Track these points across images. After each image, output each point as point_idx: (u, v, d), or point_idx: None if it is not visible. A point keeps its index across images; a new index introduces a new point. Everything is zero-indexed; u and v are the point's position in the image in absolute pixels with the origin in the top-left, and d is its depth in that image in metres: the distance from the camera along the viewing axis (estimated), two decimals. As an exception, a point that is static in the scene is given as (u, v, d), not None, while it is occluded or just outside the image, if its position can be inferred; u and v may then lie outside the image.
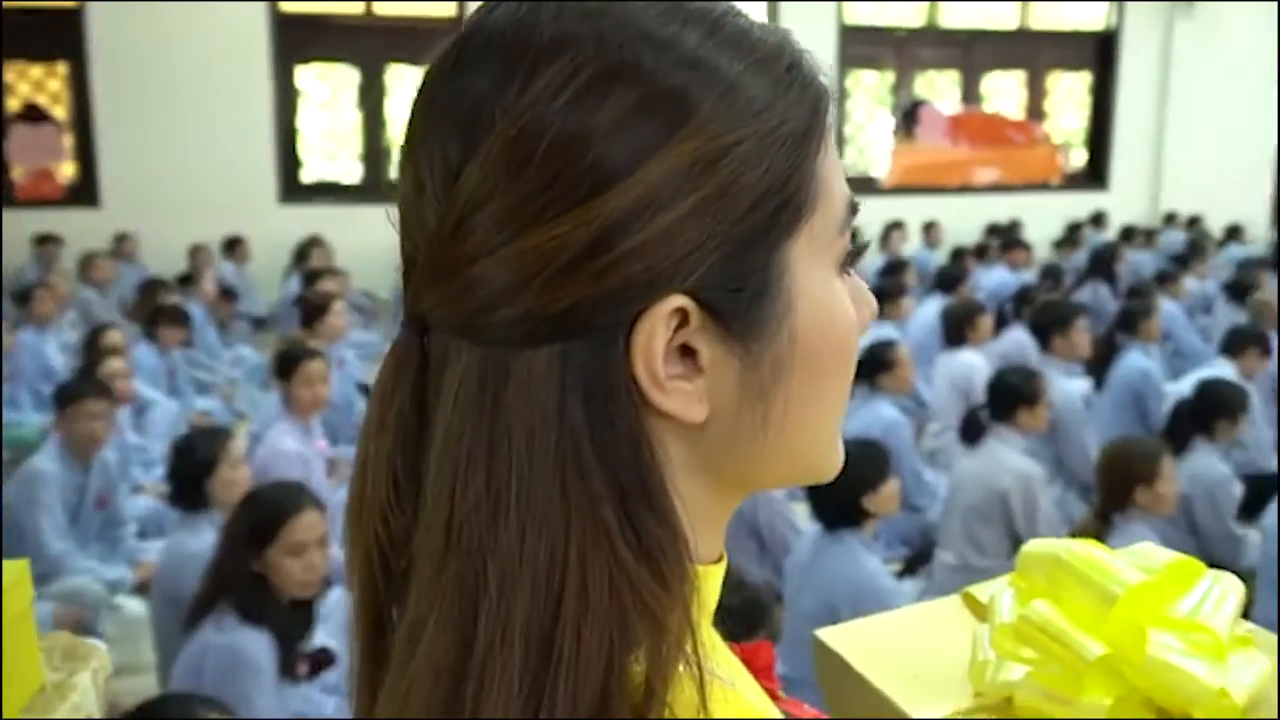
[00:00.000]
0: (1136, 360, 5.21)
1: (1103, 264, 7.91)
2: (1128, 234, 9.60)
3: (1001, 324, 5.88)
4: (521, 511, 0.45)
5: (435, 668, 0.45)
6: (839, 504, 2.97)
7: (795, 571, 3.12)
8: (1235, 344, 5.00)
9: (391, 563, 0.50)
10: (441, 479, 0.47)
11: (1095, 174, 11.36)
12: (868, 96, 11.01)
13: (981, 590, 0.89)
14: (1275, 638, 0.80)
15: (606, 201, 0.44)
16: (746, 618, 2.18)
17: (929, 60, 11.10)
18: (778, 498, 3.65)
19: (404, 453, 0.50)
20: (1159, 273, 7.62)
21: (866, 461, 2.98)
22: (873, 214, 9.07)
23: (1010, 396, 3.77)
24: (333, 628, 2.94)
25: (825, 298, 0.51)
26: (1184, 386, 4.48)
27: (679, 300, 0.46)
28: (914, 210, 9.67)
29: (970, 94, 11.37)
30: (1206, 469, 3.85)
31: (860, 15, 10.53)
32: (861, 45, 10.40)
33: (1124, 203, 10.85)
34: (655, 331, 0.46)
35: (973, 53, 11.22)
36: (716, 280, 0.47)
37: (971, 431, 3.79)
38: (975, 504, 3.62)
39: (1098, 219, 10.33)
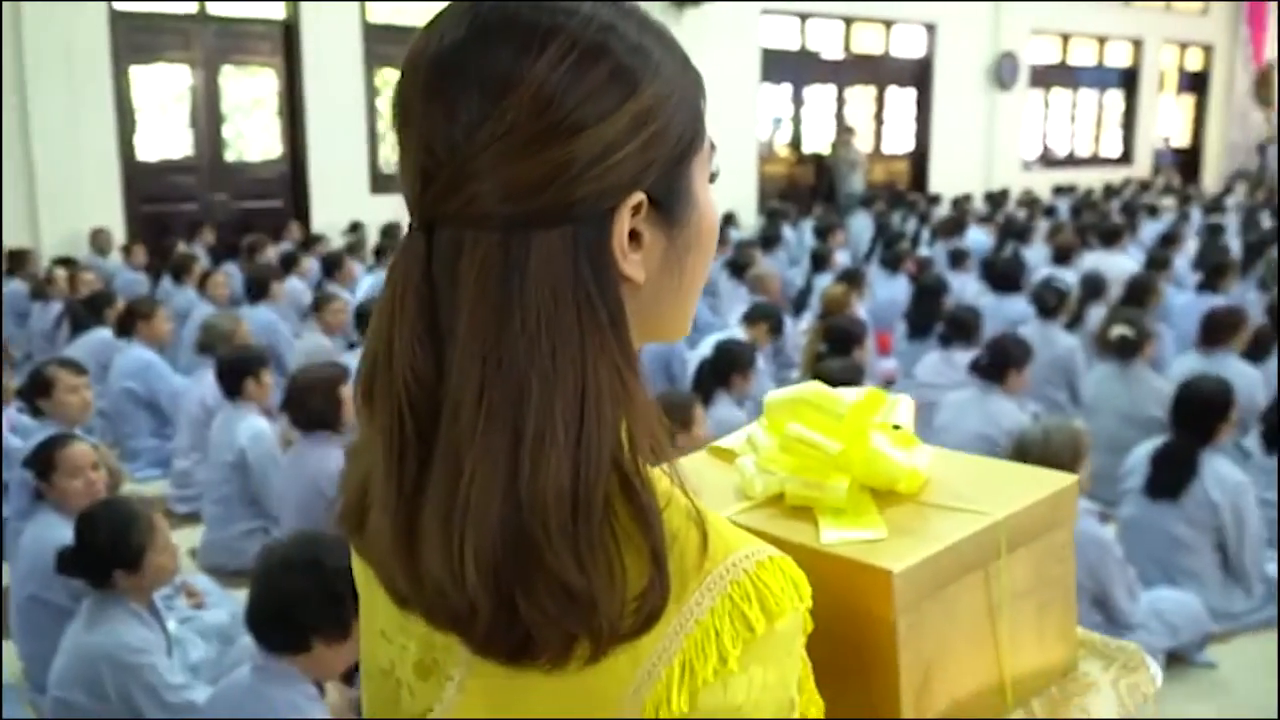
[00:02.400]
0: (662, 331, 5.81)
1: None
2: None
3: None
4: (552, 339, 0.65)
5: (492, 460, 0.64)
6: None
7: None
8: (754, 318, 5.86)
9: (416, 399, 0.68)
10: (474, 331, 0.66)
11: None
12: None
13: (729, 440, 1.16)
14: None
15: (597, 132, 0.66)
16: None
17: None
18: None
19: (423, 318, 0.68)
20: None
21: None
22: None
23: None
24: None
25: (709, 200, 0.76)
26: (703, 350, 5.08)
27: (639, 197, 0.69)
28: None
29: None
30: (727, 417, 4.42)
31: (380, 15, 10.63)
32: (386, 44, 10.49)
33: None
34: (624, 218, 0.69)
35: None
36: (660, 185, 0.70)
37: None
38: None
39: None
